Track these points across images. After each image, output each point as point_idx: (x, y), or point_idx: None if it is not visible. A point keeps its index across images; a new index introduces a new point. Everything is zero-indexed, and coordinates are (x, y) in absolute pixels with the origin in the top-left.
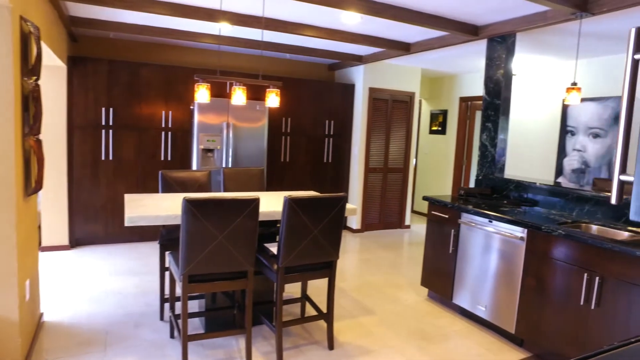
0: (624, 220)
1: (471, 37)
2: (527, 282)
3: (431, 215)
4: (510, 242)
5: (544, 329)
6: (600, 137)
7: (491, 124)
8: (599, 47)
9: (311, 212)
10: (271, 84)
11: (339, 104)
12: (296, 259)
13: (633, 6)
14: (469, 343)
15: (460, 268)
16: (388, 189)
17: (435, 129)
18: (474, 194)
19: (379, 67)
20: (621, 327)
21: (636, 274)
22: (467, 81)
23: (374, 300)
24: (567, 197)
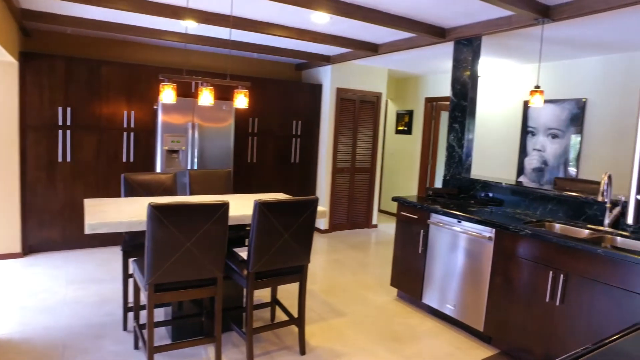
0: (584, 219)
1: (439, 39)
2: (495, 281)
3: (400, 215)
4: (479, 241)
5: (511, 326)
6: (558, 138)
7: (458, 124)
8: (557, 51)
9: (282, 215)
10: (240, 85)
11: (306, 104)
12: (267, 264)
13: (589, 14)
14: (439, 342)
15: (430, 268)
16: (355, 189)
17: (401, 129)
18: (442, 194)
19: (347, 68)
20: (584, 322)
21: (597, 270)
22: (432, 82)
23: (344, 302)
24: (531, 197)
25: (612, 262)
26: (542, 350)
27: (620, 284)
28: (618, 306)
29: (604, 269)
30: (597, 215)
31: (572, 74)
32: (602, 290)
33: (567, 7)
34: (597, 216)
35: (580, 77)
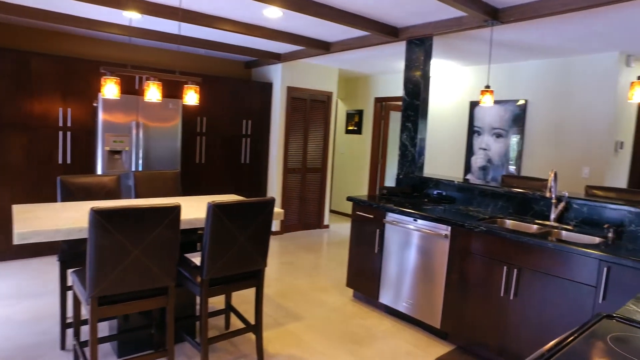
0: (532, 214)
1: (391, 38)
2: (451, 278)
3: (356, 215)
4: (435, 239)
5: (468, 322)
6: (502, 137)
7: (411, 123)
8: (502, 55)
9: (237, 218)
10: (190, 80)
11: (256, 103)
12: (222, 269)
13: (534, 18)
14: (398, 342)
15: (386, 267)
16: (307, 189)
17: (352, 129)
18: (396, 193)
19: (298, 66)
20: (536, 313)
21: (547, 263)
22: (382, 82)
23: (300, 305)
24: (482, 194)
25: (560, 255)
26: (497, 343)
27: (567, 275)
28: (566, 296)
29: (553, 261)
30: (543, 211)
31: (514, 77)
32: (551, 282)
33: (514, 10)
34: (544, 211)
35: (521, 80)
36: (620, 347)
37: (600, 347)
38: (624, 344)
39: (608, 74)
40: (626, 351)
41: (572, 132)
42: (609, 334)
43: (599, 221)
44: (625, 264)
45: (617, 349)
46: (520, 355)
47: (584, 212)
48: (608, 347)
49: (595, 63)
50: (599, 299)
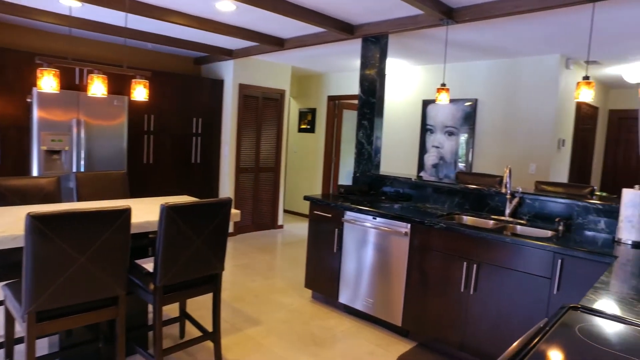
0: (487, 210)
1: (347, 35)
2: (412, 275)
3: (313, 215)
4: (395, 237)
5: (429, 318)
6: (453, 135)
7: (367, 121)
8: (453, 54)
9: (193, 220)
10: (138, 74)
11: (207, 100)
12: (177, 275)
13: (488, 18)
14: (360, 341)
15: (346, 267)
16: (260, 189)
17: (304, 128)
18: (353, 192)
19: (250, 63)
20: (495, 307)
21: (505, 258)
22: (335, 80)
23: (258, 309)
24: (439, 191)
25: (517, 249)
26: (458, 338)
27: (524, 268)
28: (523, 289)
29: (510, 255)
30: (498, 206)
31: (465, 76)
32: (509, 275)
33: (468, 10)
34: (499, 207)
35: (472, 79)
36: (589, 337)
37: (571, 338)
38: (591, 334)
39: (551, 75)
40: (594, 341)
41: (519, 131)
42: (577, 325)
43: (550, 215)
44: (577, 256)
45: (586, 339)
46: (480, 348)
47: (536, 206)
48: (577, 338)
49: (539, 64)
50: (554, 290)
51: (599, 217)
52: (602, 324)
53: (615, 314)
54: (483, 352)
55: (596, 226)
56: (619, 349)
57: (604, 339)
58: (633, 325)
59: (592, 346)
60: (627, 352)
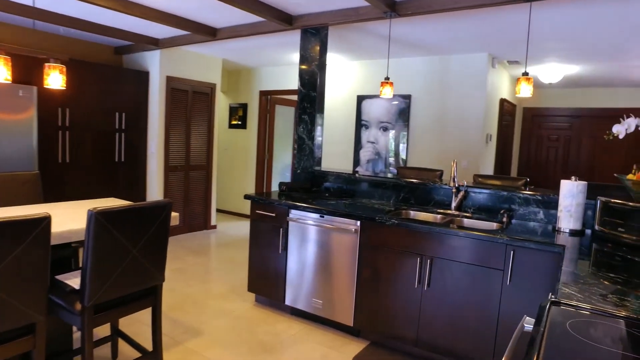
0: (433, 204)
1: (286, 26)
2: (363, 273)
3: (255, 214)
4: (344, 235)
5: (382, 316)
6: (389, 130)
7: (308, 116)
8: (389, 50)
9: (128, 227)
10: (52, 57)
11: (131, 93)
12: (109, 292)
13: (429, 13)
14: (311, 345)
15: (292, 267)
16: (191, 188)
17: (235, 123)
18: (296, 189)
19: (178, 54)
20: (449, 301)
21: (457, 251)
22: (267, 75)
23: (198, 317)
24: (383, 187)
25: (469, 242)
26: (413, 334)
27: (477, 261)
28: (477, 282)
29: (463, 249)
30: (444, 200)
31: (400, 72)
32: (462, 269)
33: (411, 4)
34: (444, 201)
35: (406, 75)
36: (581, 334)
37: (567, 337)
38: (581, 330)
39: (480, 73)
40: (589, 338)
41: (451, 126)
42: (567, 322)
43: (493, 207)
44: (528, 247)
45: (581, 337)
46: (435, 343)
47: (480, 199)
48: (573, 337)
49: (469, 62)
50: (506, 281)
51: (538, 207)
52: (587, 318)
53: (594, 306)
54: (438, 347)
55: (536, 216)
56: (610, 345)
57: (595, 335)
58: (614, 318)
59: (588, 344)
60: (617, 346)
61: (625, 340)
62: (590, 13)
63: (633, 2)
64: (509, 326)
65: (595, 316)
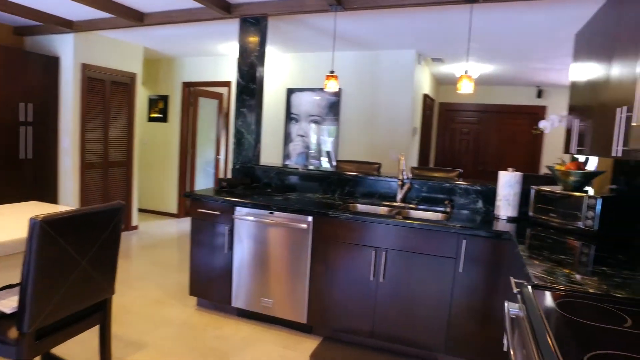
0: (378, 197)
1: (224, 14)
2: (316, 269)
3: (196, 213)
4: (295, 231)
5: (337, 311)
6: (319, 124)
7: (247, 109)
8: (321, 43)
9: (78, 235)
10: None
11: (38, 81)
12: (55, 313)
13: (376, 8)
14: (266, 346)
15: (240, 268)
16: (110, 186)
17: (155, 117)
18: (236, 185)
19: (95, 39)
20: (403, 290)
21: (409, 242)
22: (190, 65)
23: (138, 328)
24: (328, 181)
25: (423, 233)
26: (368, 327)
27: (430, 251)
28: (430, 271)
29: (417, 240)
30: (388, 193)
31: (329, 65)
32: (416, 259)
33: None
34: (389, 193)
35: (337, 69)
36: (571, 313)
37: (560, 318)
38: (571, 309)
39: (407, 69)
40: (577, 315)
41: (381, 120)
42: (557, 300)
43: (436, 198)
44: (479, 234)
45: (571, 316)
46: (390, 333)
47: (424, 191)
48: (564, 317)
49: (398, 58)
50: (459, 269)
51: (477, 197)
52: (568, 299)
53: (569, 286)
54: (394, 336)
55: (475, 205)
56: (597, 320)
57: (581, 313)
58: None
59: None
60: (603, 322)
61: (607, 315)
62: (505, 18)
63: (538, 11)
64: (461, 312)
65: (574, 296)
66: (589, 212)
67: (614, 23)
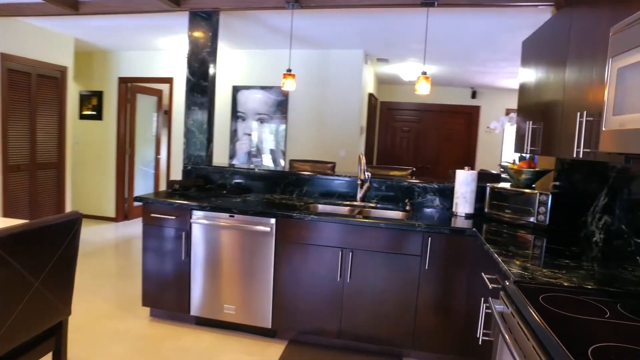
0: (337, 197)
1: (172, 6)
2: (281, 272)
3: (150, 218)
4: (258, 234)
5: (303, 313)
6: (266, 122)
7: (198, 107)
8: (267, 40)
9: (29, 253)
10: None
11: None
12: (4, 342)
13: (333, 7)
14: (231, 355)
15: (198, 274)
16: (40, 190)
17: (88, 114)
18: (189, 187)
19: (16, 27)
20: (370, 289)
21: (375, 241)
22: (127, 60)
23: (87, 346)
24: (285, 180)
25: (389, 232)
26: (336, 326)
27: (396, 249)
28: (397, 269)
29: (383, 239)
30: (348, 192)
31: (278, 63)
32: (382, 258)
33: None
34: (348, 192)
35: (284, 66)
36: (558, 307)
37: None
38: (557, 303)
39: (356, 68)
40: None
41: (329, 118)
42: (540, 295)
43: (395, 197)
44: (443, 232)
45: (559, 310)
46: (358, 332)
47: (383, 189)
48: (550, 310)
49: (347, 58)
50: (425, 266)
51: (434, 195)
52: (550, 293)
53: (549, 280)
54: (361, 335)
55: (433, 203)
56: (581, 313)
57: (566, 307)
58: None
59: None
60: (586, 314)
61: (587, 307)
62: (452, 24)
63: (482, 18)
64: (427, 308)
65: (553, 290)
66: (540, 207)
67: (566, 31)
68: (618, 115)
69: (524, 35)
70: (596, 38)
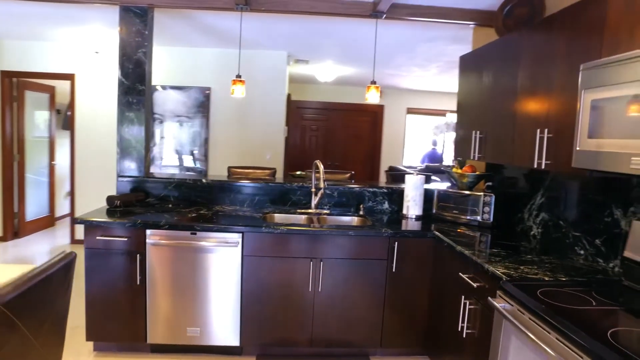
0: (290, 204)
1: None
2: (248, 288)
3: (94, 241)
4: (223, 250)
5: (273, 327)
6: (186, 124)
7: (134, 113)
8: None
9: (32, 309)
10: None
11: None
12: None
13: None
14: None
15: (156, 300)
16: None
17: None
18: (132, 202)
19: None
20: (340, 296)
21: (344, 249)
22: (14, 50)
23: None
24: (235, 190)
25: (355, 239)
26: (307, 335)
27: (364, 255)
28: (365, 274)
29: (351, 246)
30: (300, 200)
31: (197, 62)
32: (350, 264)
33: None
34: (301, 200)
35: (204, 66)
36: (556, 300)
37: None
38: (552, 297)
39: (280, 69)
40: (560, 302)
41: (253, 120)
42: (537, 291)
43: (347, 202)
44: (407, 236)
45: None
46: (330, 338)
47: (335, 196)
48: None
49: (271, 59)
50: (392, 269)
51: (384, 199)
52: (542, 288)
53: (533, 277)
54: (333, 340)
55: (382, 207)
56: (574, 304)
57: (560, 299)
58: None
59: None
60: (579, 304)
61: (575, 298)
62: (373, 31)
63: (404, 28)
64: (395, 308)
65: (542, 286)
66: (485, 207)
67: (517, 55)
68: (594, 138)
69: (441, 45)
70: (552, 67)
